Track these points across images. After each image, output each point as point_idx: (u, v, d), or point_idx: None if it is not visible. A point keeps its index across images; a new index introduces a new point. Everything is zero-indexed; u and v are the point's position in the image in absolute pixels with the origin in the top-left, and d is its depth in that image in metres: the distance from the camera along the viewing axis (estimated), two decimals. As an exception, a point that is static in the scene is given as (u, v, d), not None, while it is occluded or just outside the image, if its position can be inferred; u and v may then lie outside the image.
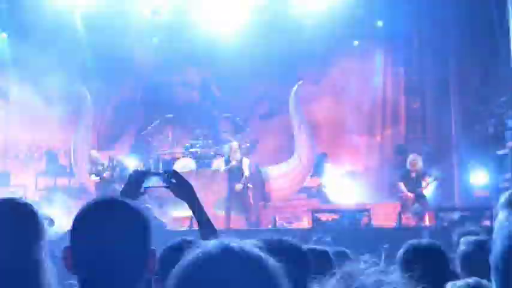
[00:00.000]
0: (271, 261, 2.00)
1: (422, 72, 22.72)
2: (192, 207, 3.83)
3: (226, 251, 1.96)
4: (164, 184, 3.80)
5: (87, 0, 20.84)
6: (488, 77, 19.49)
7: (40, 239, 2.90)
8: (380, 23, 22.30)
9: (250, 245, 2.02)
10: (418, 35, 22.76)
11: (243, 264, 1.93)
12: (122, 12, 21.11)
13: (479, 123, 18.78)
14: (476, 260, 4.62)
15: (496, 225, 2.33)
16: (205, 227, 3.81)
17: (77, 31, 21.33)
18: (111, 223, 2.67)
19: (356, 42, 22.65)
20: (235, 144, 18.45)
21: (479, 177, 17.87)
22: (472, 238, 5.50)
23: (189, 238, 3.98)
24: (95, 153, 18.68)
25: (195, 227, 4.05)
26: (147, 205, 14.48)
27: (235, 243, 1.99)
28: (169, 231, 15.09)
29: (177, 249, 3.72)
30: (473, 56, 20.03)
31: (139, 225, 2.72)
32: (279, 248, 3.37)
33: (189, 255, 1.98)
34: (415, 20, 22.09)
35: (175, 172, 3.88)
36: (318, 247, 5.25)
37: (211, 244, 1.99)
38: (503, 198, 3.34)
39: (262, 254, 2.00)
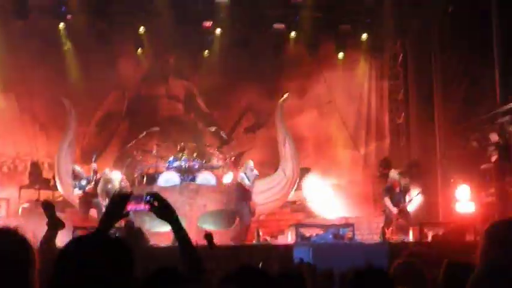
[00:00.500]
0: None
1: (407, 87, 22.83)
2: (173, 228, 3.86)
3: None
4: (147, 207, 3.83)
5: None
6: (472, 92, 19.57)
7: (30, 266, 2.89)
8: (364, 37, 22.40)
9: None
10: (402, 50, 22.88)
11: None
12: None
13: (463, 138, 18.83)
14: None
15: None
16: (186, 248, 3.83)
17: (62, 45, 21.42)
18: (94, 262, 2.66)
19: (341, 56, 22.73)
20: (251, 162, 18.51)
21: (462, 192, 17.90)
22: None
23: (167, 267, 3.97)
24: (78, 167, 18.62)
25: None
26: (130, 220, 14.39)
27: None
28: (152, 248, 15.01)
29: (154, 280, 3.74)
30: (457, 70, 20.12)
31: (122, 262, 2.71)
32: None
33: None
34: (399, 35, 22.23)
35: (157, 195, 3.89)
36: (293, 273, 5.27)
37: None
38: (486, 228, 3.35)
39: None
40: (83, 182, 18.14)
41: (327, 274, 6.96)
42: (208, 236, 7.01)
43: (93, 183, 18.10)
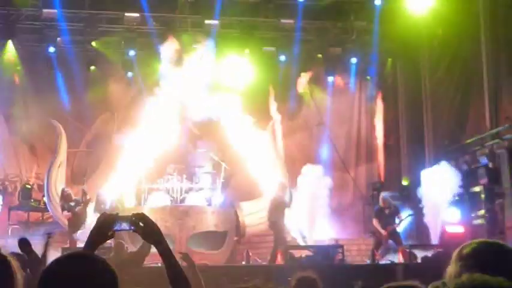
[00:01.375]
0: None
1: (397, 108, 22.92)
2: (160, 250, 3.85)
3: None
4: (132, 228, 3.83)
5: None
6: (462, 115, 19.68)
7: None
8: (354, 60, 22.51)
9: None
10: (392, 72, 23.00)
11: None
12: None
13: (453, 161, 18.87)
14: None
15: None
16: (172, 269, 3.83)
17: (52, 69, 21.55)
18: (79, 279, 2.68)
19: (331, 79, 22.83)
20: (285, 183, 18.57)
21: (452, 214, 17.93)
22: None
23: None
24: (67, 189, 18.58)
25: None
26: (120, 241, 14.35)
27: None
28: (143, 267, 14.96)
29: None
30: (447, 93, 20.23)
31: (107, 280, 2.73)
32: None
33: None
34: (389, 57, 22.37)
35: (143, 216, 3.89)
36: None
37: None
38: (457, 251, 3.36)
39: None
40: (72, 204, 18.10)
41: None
42: (185, 256, 7.01)
43: (83, 204, 18.08)
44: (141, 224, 3.83)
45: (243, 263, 17.03)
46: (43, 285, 2.71)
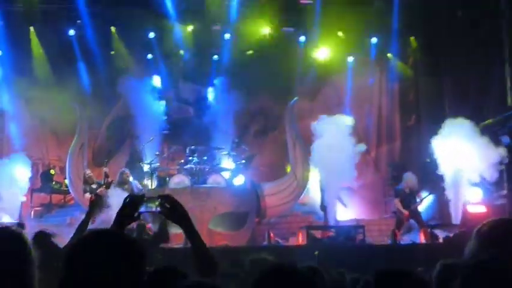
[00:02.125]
0: None
1: (417, 88, 22.79)
2: (185, 231, 3.87)
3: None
4: (158, 209, 3.84)
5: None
6: (483, 94, 19.54)
7: (28, 264, 2.92)
8: (374, 40, 22.39)
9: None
10: (412, 52, 22.86)
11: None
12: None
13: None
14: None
15: None
16: (199, 248, 3.84)
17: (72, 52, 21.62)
18: (105, 256, 2.69)
19: (351, 59, 22.72)
20: None
21: (474, 194, 17.85)
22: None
23: (171, 265, 4.01)
24: (89, 172, 18.65)
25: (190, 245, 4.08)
26: (143, 222, 14.43)
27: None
28: (163, 248, 15.04)
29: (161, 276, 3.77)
30: (468, 72, 20.09)
31: (132, 257, 2.74)
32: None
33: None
34: (409, 37, 22.23)
35: (169, 197, 3.90)
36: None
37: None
38: (476, 229, 3.36)
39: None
40: (94, 186, 18.19)
41: (338, 279, 6.90)
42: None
43: (104, 186, 18.16)
44: (167, 205, 3.84)
45: (264, 243, 17.07)
46: (68, 261, 2.72)
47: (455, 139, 17.54)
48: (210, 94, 22.85)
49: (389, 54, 23.01)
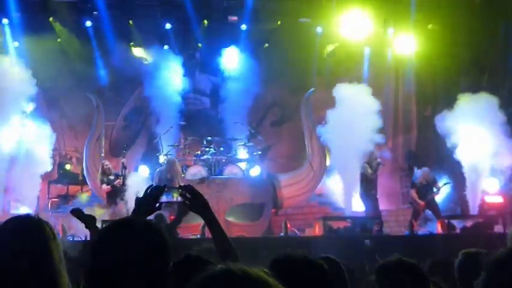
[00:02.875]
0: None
1: (434, 79, 22.69)
2: (206, 220, 3.90)
3: (230, 277, 1.97)
4: (179, 199, 3.89)
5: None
6: (501, 86, 19.45)
7: (48, 248, 2.93)
8: (390, 29, 22.29)
9: (256, 270, 2.02)
10: (429, 41, 22.72)
11: None
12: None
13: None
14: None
15: None
16: (219, 237, 3.87)
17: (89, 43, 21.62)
18: (130, 244, 2.70)
19: (367, 49, 22.62)
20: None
21: (491, 184, 17.79)
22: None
23: (193, 254, 4.02)
24: (107, 163, 18.70)
25: (208, 235, 4.11)
26: (161, 212, 14.46)
27: (239, 270, 1.99)
28: (181, 239, 15.07)
29: (184, 265, 3.77)
30: (485, 62, 20.01)
31: (156, 245, 2.75)
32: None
33: (193, 281, 2.00)
34: (425, 25, 22.09)
35: (190, 187, 3.93)
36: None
37: (215, 271, 2.00)
38: None
39: (269, 280, 2.00)
40: (111, 177, 18.24)
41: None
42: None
43: (121, 177, 18.20)
44: (188, 195, 3.87)
45: (281, 234, 17.09)
46: (93, 251, 2.74)
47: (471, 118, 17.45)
48: (227, 85, 22.81)
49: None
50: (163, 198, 3.84)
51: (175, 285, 2.69)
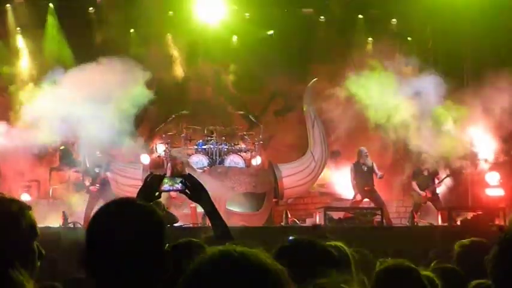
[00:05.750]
0: (277, 269, 2.00)
1: (437, 69, 22.66)
2: (206, 209, 3.91)
3: (228, 259, 1.97)
4: (179, 188, 3.89)
5: None
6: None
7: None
8: (394, 21, 22.27)
9: (255, 252, 2.02)
10: (432, 33, 22.71)
11: (244, 274, 1.94)
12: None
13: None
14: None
15: None
16: (219, 227, 3.89)
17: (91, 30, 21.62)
18: (127, 224, 2.72)
19: (370, 40, 22.60)
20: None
21: (492, 177, 17.80)
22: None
23: (195, 240, 4.03)
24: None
25: (208, 224, 4.12)
26: (159, 200, 14.47)
27: (238, 252, 1.99)
28: (181, 226, 15.10)
29: (183, 250, 3.78)
30: (490, 51, 20.01)
31: (154, 226, 2.77)
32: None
33: (193, 264, 2.00)
34: (429, 18, 22.05)
35: (190, 176, 3.95)
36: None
37: (214, 252, 2.00)
38: None
39: (268, 262, 2.00)
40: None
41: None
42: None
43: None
44: (188, 184, 3.88)
45: (282, 224, 17.11)
46: (91, 230, 2.76)
47: None
48: (229, 74, 22.77)
49: (409, 38, 22.91)
50: (165, 187, 3.84)
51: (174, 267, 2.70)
